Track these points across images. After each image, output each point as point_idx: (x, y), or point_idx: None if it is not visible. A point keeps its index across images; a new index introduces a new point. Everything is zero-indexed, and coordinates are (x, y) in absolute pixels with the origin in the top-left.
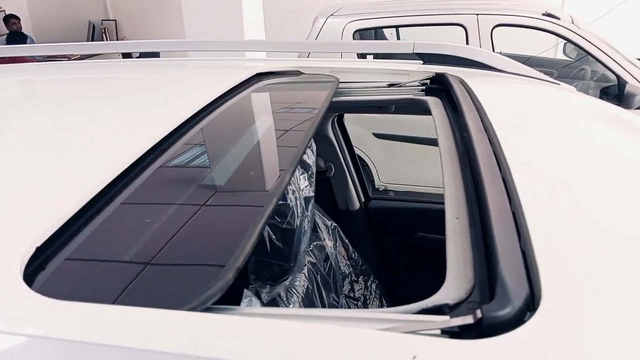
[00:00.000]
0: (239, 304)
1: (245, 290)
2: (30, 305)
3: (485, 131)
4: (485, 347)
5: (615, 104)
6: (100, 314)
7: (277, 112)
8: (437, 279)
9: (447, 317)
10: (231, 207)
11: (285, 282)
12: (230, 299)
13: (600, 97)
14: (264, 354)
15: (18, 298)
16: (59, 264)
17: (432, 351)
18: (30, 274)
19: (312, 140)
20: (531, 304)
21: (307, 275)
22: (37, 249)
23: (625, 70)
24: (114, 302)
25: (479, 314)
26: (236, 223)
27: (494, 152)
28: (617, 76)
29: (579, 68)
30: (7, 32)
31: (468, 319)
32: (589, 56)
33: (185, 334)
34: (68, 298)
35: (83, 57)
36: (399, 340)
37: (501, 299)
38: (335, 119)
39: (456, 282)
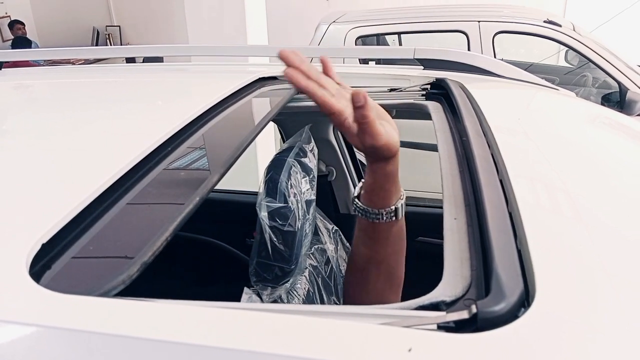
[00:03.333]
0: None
1: (245, 288)
2: (37, 298)
3: (484, 135)
4: (478, 340)
5: (616, 111)
6: (103, 306)
7: (234, 118)
8: (437, 283)
9: (443, 313)
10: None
11: (286, 284)
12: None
13: (602, 104)
14: (269, 346)
15: (25, 292)
16: (65, 260)
17: (427, 344)
18: (37, 270)
19: (314, 144)
20: (526, 300)
21: (308, 278)
22: (44, 245)
23: (627, 77)
24: (115, 296)
25: (474, 309)
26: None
27: (492, 155)
28: (619, 83)
29: (580, 75)
30: (12, 37)
31: (463, 314)
32: (590, 63)
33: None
34: (73, 292)
35: (87, 63)
36: (396, 334)
37: (496, 294)
38: None
39: (453, 280)
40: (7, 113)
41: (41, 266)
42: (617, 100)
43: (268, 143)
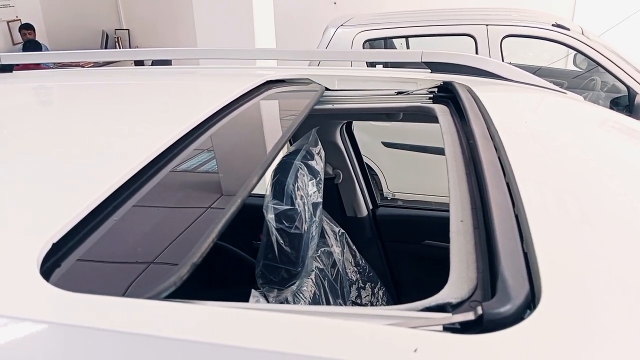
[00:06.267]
0: None
1: (252, 290)
2: (47, 297)
3: (491, 138)
4: (483, 342)
5: (625, 115)
6: (111, 304)
7: (258, 120)
8: (443, 285)
9: (449, 314)
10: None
11: (293, 286)
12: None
13: (611, 108)
14: (280, 345)
15: (36, 290)
16: (74, 259)
17: (433, 345)
18: (47, 269)
19: (321, 146)
20: (532, 302)
21: (314, 280)
22: (54, 245)
23: (636, 81)
24: (123, 295)
25: (479, 310)
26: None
27: (499, 158)
28: (628, 87)
29: (589, 79)
30: (22, 41)
31: (469, 316)
32: (599, 67)
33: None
34: (81, 290)
35: (97, 65)
36: (402, 335)
37: (502, 296)
38: (344, 127)
39: (459, 282)
40: (19, 115)
41: (51, 265)
42: (625, 104)
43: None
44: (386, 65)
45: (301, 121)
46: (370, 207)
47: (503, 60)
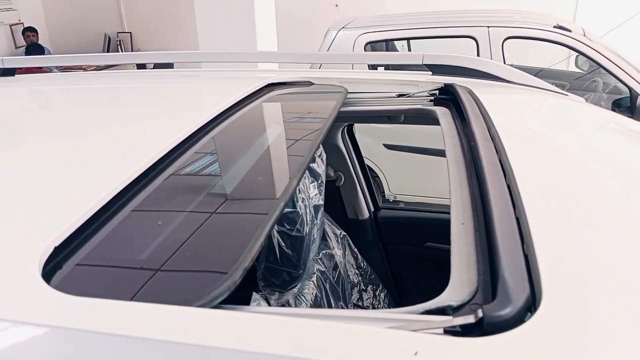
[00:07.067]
0: None
1: (254, 293)
2: (48, 300)
3: (492, 140)
4: (484, 345)
5: (627, 116)
6: (113, 309)
7: (287, 122)
8: (444, 288)
9: (449, 317)
10: (240, 214)
11: (294, 289)
12: (238, 302)
13: (613, 109)
14: (280, 348)
15: (37, 294)
16: (75, 263)
17: (433, 348)
18: (49, 272)
19: (322, 149)
20: (532, 304)
21: (315, 283)
22: (56, 248)
23: (638, 83)
24: (127, 299)
25: (480, 313)
26: (246, 227)
27: (499, 160)
28: (629, 88)
29: (591, 80)
30: (25, 44)
31: (469, 319)
32: (600, 68)
33: (192, 328)
34: (83, 294)
35: (99, 68)
36: (403, 338)
37: (502, 299)
38: (345, 129)
39: (460, 285)
40: (20, 118)
41: (53, 268)
42: (627, 105)
43: None
44: (387, 67)
45: (331, 123)
46: (372, 209)
47: (505, 62)
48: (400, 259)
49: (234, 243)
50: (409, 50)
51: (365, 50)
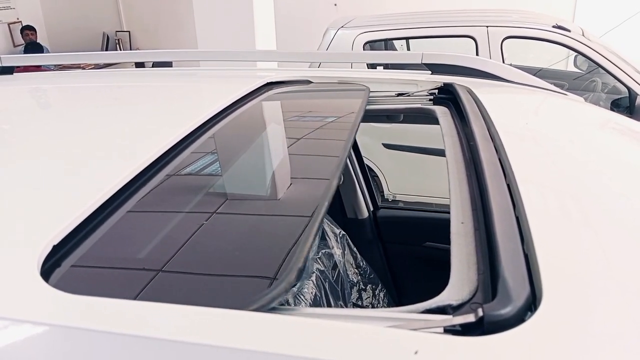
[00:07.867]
0: None
1: None
2: (47, 298)
3: (492, 139)
4: (484, 344)
5: (626, 116)
6: (112, 307)
7: (287, 120)
8: (444, 287)
9: (449, 316)
10: (281, 216)
11: (293, 288)
12: None
13: (611, 109)
14: (280, 347)
15: (36, 292)
16: (74, 261)
17: (433, 347)
18: (47, 270)
19: None
20: (532, 304)
21: (315, 282)
22: (54, 247)
23: (636, 83)
24: (122, 298)
25: (480, 312)
26: (291, 229)
27: (499, 159)
28: (628, 88)
29: (589, 80)
30: (24, 43)
31: (470, 318)
32: (599, 68)
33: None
34: (82, 293)
35: (98, 67)
36: (402, 337)
37: (502, 298)
38: None
39: (460, 284)
40: (19, 117)
41: (52, 267)
42: (626, 105)
43: None
44: (387, 66)
45: (359, 122)
46: (371, 208)
47: (504, 62)
48: (400, 258)
49: (276, 245)
50: (408, 50)
51: (364, 50)
